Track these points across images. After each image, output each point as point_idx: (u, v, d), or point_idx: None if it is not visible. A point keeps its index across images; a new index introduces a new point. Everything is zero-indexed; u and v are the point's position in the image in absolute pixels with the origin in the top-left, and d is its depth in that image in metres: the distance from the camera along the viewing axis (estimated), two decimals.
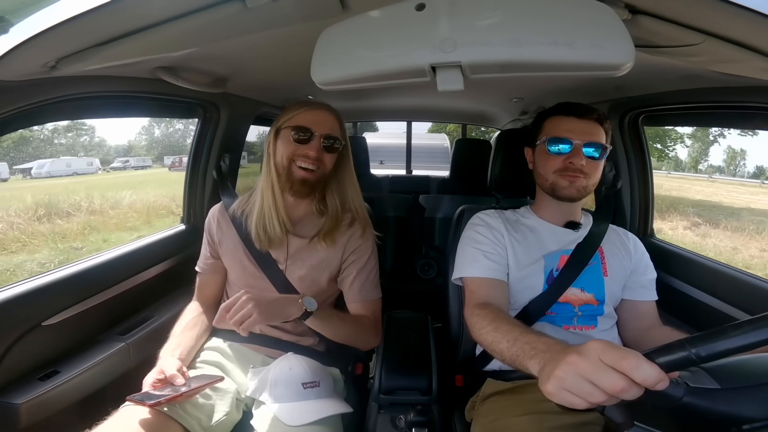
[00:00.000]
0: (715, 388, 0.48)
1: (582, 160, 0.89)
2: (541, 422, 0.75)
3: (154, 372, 0.84)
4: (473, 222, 1.02)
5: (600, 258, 0.96)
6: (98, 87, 0.90)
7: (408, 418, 0.86)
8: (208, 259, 1.07)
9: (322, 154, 0.95)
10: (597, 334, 0.92)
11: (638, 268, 0.98)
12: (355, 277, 1.00)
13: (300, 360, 0.92)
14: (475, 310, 0.85)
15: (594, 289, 0.94)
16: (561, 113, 0.95)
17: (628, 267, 0.97)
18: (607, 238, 0.98)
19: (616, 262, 0.97)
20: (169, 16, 0.62)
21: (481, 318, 0.81)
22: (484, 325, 0.78)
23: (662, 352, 0.47)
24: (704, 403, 0.48)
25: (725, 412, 0.48)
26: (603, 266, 0.95)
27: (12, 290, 0.88)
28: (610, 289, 0.94)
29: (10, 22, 0.57)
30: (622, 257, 0.97)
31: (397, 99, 2.13)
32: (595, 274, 0.94)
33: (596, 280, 0.94)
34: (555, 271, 0.94)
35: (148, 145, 8.78)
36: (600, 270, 0.95)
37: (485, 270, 0.93)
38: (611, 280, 0.95)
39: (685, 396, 0.48)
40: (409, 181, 2.69)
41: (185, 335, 0.97)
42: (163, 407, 0.79)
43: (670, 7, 0.58)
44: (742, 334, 0.44)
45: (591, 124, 0.91)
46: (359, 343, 1.02)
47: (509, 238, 0.97)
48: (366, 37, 0.61)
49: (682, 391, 0.48)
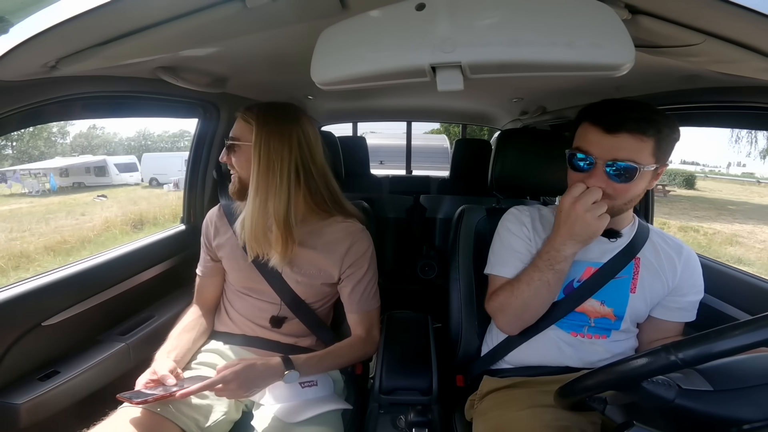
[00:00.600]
0: (708, 390, 0.48)
1: (601, 183, 0.75)
2: (543, 415, 0.75)
3: (148, 372, 0.84)
4: (505, 218, 0.96)
5: (633, 272, 0.86)
6: (98, 87, 0.90)
7: (408, 418, 0.86)
8: (207, 262, 1.06)
9: (230, 158, 0.96)
10: (607, 344, 0.88)
11: (681, 288, 0.86)
12: (354, 289, 0.98)
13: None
14: (493, 296, 0.90)
15: (615, 305, 0.86)
16: (591, 119, 0.78)
17: (667, 287, 0.86)
18: (652, 250, 0.87)
19: (653, 279, 0.85)
20: (169, 16, 0.62)
21: (497, 296, 0.88)
22: (508, 296, 0.85)
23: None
24: (697, 405, 0.48)
25: (719, 414, 0.48)
26: (634, 281, 0.85)
27: (12, 290, 0.88)
28: (633, 307, 0.86)
29: (10, 22, 0.57)
30: (662, 275, 0.86)
31: (397, 99, 2.13)
32: (620, 289, 0.85)
33: (621, 296, 0.86)
34: (576, 282, 0.87)
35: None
36: (628, 285, 0.85)
37: (509, 270, 0.91)
38: (638, 298, 0.85)
39: (676, 398, 0.48)
40: (410, 182, 2.69)
41: (182, 338, 0.96)
42: (156, 407, 0.79)
43: (670, 7, 0.58)
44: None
45: (623, 139, 0.73)
46: (350, 362, 1.01)
47: (536, 238, 0.91)
48: (366, 37, 0.61)
49: (673, 393, 0.48)
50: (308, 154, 0.92)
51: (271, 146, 0.88)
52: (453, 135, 8.76)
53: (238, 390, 0.78)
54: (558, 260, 0.78)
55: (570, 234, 0.76)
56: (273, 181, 0.88)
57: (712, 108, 1.04)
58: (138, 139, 17.40)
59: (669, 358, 0.47)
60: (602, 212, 0.74)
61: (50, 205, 8.81)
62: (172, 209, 7.34)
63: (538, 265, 0.81)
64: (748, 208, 10.35)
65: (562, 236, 0.77)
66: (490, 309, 0.92)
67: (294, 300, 0.98)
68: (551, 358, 0.90)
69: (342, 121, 2.89)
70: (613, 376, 0.53)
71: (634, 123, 0.73)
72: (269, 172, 0.88)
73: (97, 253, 1.14)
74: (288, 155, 0.89)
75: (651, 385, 0.49)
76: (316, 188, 0.95)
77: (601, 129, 0.75)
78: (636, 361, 0.50)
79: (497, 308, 0.89)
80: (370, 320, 1.01)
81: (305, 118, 0.94)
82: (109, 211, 7.91)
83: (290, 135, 0.89)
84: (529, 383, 0.88)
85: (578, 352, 0.88)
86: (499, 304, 0.88)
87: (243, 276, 1.00)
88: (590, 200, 0.73)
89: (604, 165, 0.75)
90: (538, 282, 0.81)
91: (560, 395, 0.64)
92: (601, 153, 0.75)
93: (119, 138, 17.65)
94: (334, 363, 0.95)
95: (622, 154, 0.74)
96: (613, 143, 0.74)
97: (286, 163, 0.89)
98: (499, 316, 0.90)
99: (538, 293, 0.82)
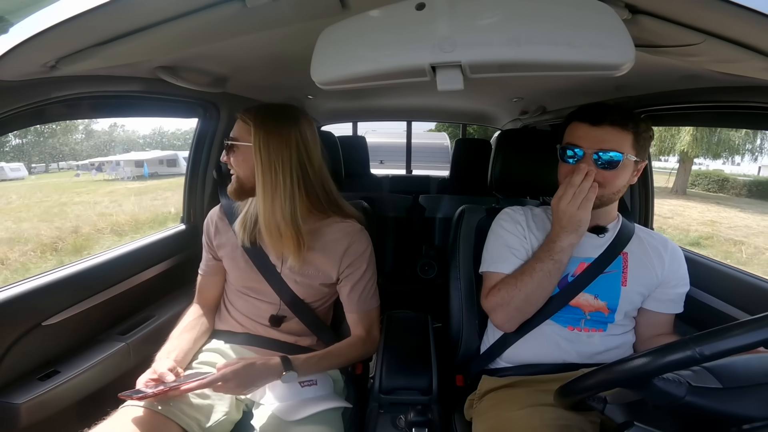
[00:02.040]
0: (717, 387, 0.49)
1: (592, 167, 0.83)
2: (542, 414, 0.76)
3: (149, 372, 0.84)
4: (500, 217, 1.00)
5: (622, 266, 0.91)
6: (98, 87, 0.90)
7: (408, 418, 0.87)
8: (209, 261, 1.07)
9: (229, 158, 0.95)
10: (604, 338, 0.90)
11: (669, 281, 0.91)
12: (352, 289, 0.98)
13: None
14: (491, 292, 0.91)
15: (608, 298, 0.90)
16: (577, 118, 0.88)
17: (656, 279, 0.91)
18: (639, 245, 0.93)
19: (642, 272, 0.91)
20: (169, 16, 0.62)
21: (498, 291, 0.90)
22: (510, 289, 0.88)
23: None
24: (706, 403, 0.48)
25: (727, 411, 0.48)
26: (624, 275, 0.90)
27: (12, 290, 0.88)
28: (626, 300, 0.90)
29: (10, 22, 0.57)
30: (650, 268, 0.91)
31: (397, 99, 2.13)
32: (612, 283, 0.90)
33: (613, 289, 0.90)
34: (570, 277, 0.91)
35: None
36: (619, 279, 0.90)
37: (507, 266, 0.93)
38: (630, 291, 0.90)
39: (687, 395, 0.48)
40: (409, 181, 2.69)
41: (183, 338, 0.96)
42: (157, 407, 0.79)
43: (670, 7, 0.58)
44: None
45: (607, 131, 0.83)
46: (350, 361, 1.00)
47: (531, 237, 0.95)
48: (366, 36, 0.61)
49: (684, 391, 0.48)
50: (305, 155, 0.92)
51: (271, 147, 0.88)
52: (450, 134, 8.75)
53: (237, 388, 0.80)
54: (556, 251, 0.85)
55: (561, 227, 0.84)
56: (276, 181, 0.89)
57: (712, 108, 1.04)
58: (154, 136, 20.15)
59: (688, 353, 0.47)
60: (580, 202, 0.82)
61: (140, 188, 11.55)
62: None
63: (539, 256, 0.87)
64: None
65: (555, 231, 0.86)
66: (489, 306, 0.92)
67: (293, 300, 0.99)
68: (549, 354, 0.90)
69: (342, 120, 2.89)
70: (619, 375, 0.53)
71: (616, 116, 0.83)
72: (272, 172, 0.89)
73: (97, 253, 1.14)
74: (288, 156, 0.89)
75: (662, 382, 0.49)
76: (313, 189, 0.95)
77: (587, 123, 0.85)
78: (650, 356, 0.50)
79: (497, 304, 0.90)
80: (369, 320, 1.01)
81: (304, 119, 0.94)
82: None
83: (288, 136, 0.90)
84: (528, 382, 0.89)
85: (575, 346, 0.90)
86: (500, 299, 0.89)
87: (243, 276, 1.01)
88: (570, 194, 0.82)
89: (591, 155, 0.83)
90: (540, 272, 0.85)
91: (561, 394, 0.64)
92: (589, 144, 0.84)
93: (141, 135, 20.61)
94: (333, 362, 0.95)
95: (606, 145, 0.83)
96: (599, 134, 0.83)
97: (287, 163, 0.89)
98: (499, 312, 0.90)
99: (540, 283, 0.86)
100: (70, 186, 11.95)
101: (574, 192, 0.82)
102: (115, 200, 9.91)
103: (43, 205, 9.10)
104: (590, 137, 0.84)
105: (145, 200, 9.77)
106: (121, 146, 18.81)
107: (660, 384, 0.49)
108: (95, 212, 8.53)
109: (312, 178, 0.94)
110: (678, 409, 0.49)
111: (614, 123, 0.83)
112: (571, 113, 0.90)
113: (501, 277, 0.92)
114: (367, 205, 1.26)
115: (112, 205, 9.28)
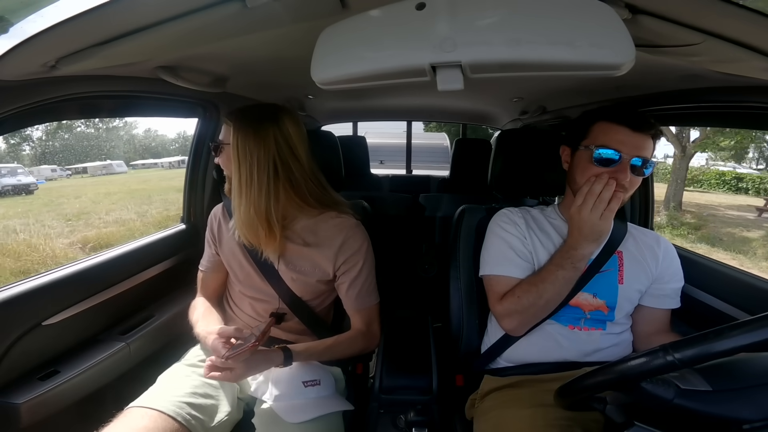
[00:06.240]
0: (707, 390, 0.49)
1: (627, 177, 0.81)
2: (545, 413, 0.76)
3: (217, 341, 0.82)
4: (498, 219, 0.99)
5: (618, 264, 0.91)
6: (98, 87, 0.90)
7: (408, 417, 0.87)
8: (212, 256, 1.08)
9: (218, 159, 1.01)
10: (604, 336, 0.91)
11: (663, 277, 0.92)
12: (350, 286, 0.98)
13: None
14: (506, 297, 0.90)
15: (607, 296, 0.90)
16: (614, 120, 0.84)
17: (651, 275, 0.92)
18: (633, 243, 0.94)
19: (637, 269, 0.91)
20: (169, 16, 0.62)
21: (517, 298, 0.87)
22: (532, 297, 0.86)
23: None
24: (695, 405, 0.48)
25: (718, 414, 0.48)
26: (620, 273, 0.91)
27: (12, 290, 0.88)
28: (623, 297, 0.90)
29: (10, 22, 0.57)
30: (645, 265, 0.92)
31: (397, 99, 2.12)
32: (609, 281, 0.91)
33: (610, 287, 0.90)
34: None
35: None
36: (615, 277, 0.91)
37: (514, 269, 0.92)
38: (627, 288, 0.91)
39: (675, 398, 0.48)
40: (409, 181, 2.69)
41: (210, 318, 1.00)
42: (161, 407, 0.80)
43: (671, 7, 0.58)
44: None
45: (644, 137, 0.82)
46: (352, 354, 1.00)
47: (531, 237, 0.94)
48: (366, 36, 0.61)
49: (672, 393, 0.48)
50: (287, 150, 0.93)
51: (247, 146, 0.90)
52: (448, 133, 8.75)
53: (241, 371, 0.81)
54: (578, 258, 0.84)
55: (582, 236, 0.83)
56: (251, 178, 0.90)
57: (712, 108, 1.04)
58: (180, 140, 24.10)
59: (666, 359, 0.47)
60: (602, 211, 0.80)
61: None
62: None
63: (562, 264, 0.85)
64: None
65: (575, 239, 0.84)
66: (503, 311, 0.90)
67: (292, 298, 0.99)
68: (550, 353, 0.91)
69: (342, 120, 2.88)
70: (611, 376, 0.54)
71: (654, 128, 0.83)
72: (246, 170, 0.91)
73: (97, 253, 1.14)
74: (264, 153, 0.90)
75: (650, 385, 0.49)
76: (298, 183, 0.95)
77: (626, 127, 0.82)
78: (634, 361, 0.50)
79: (515, 311, 0.88)
80: (369, 316, 1.01)
81: (287, 117, 0.94)
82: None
83: (266, 134, 0.91)
84: (530, 382, 0.89)
85: (576, 345, 0.90)
86: (519, 306, 0.87)
87: (243, 273, 1.01)
88: (590, 203, 0.80)
89: (629, 160, 0.81)
90: (562, 280, 0.85)
91: (559, 395, 0.64)
92: (629, 150, 0.82)
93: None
94: (335, 353, 0.95)
95: (643, 152, 0.82)
96: (638, 140, 0.82)
97: (263, 161, 0.90)
98: (515, 318, 0.89)
99: (560, 290, 0.86)
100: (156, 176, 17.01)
101: (594, 201, 0.80)
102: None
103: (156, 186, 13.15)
104: (631, 143, 0.82)
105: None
106: (160, 147, 24.86)
107: (648, 387, 0.50)
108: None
109: (298, 174, 0.95)
110: (669, 412, 0.50)
111: (649, 129, 0.82)
112: (599, 112, 0.87)
113: (511, 281, 0.91)
114: (367, 205, 1.26)
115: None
